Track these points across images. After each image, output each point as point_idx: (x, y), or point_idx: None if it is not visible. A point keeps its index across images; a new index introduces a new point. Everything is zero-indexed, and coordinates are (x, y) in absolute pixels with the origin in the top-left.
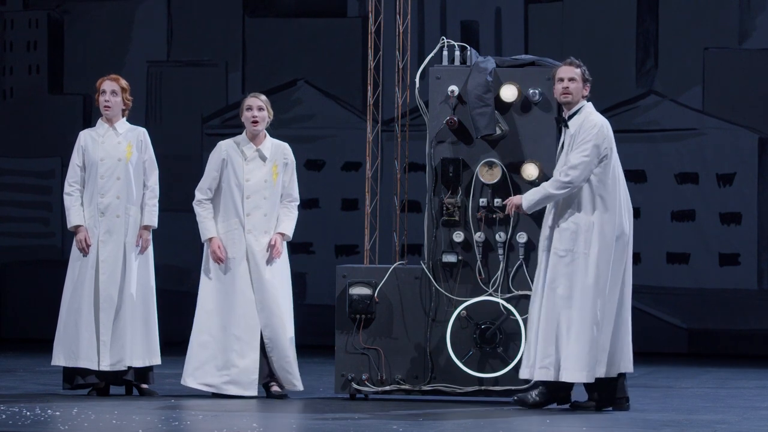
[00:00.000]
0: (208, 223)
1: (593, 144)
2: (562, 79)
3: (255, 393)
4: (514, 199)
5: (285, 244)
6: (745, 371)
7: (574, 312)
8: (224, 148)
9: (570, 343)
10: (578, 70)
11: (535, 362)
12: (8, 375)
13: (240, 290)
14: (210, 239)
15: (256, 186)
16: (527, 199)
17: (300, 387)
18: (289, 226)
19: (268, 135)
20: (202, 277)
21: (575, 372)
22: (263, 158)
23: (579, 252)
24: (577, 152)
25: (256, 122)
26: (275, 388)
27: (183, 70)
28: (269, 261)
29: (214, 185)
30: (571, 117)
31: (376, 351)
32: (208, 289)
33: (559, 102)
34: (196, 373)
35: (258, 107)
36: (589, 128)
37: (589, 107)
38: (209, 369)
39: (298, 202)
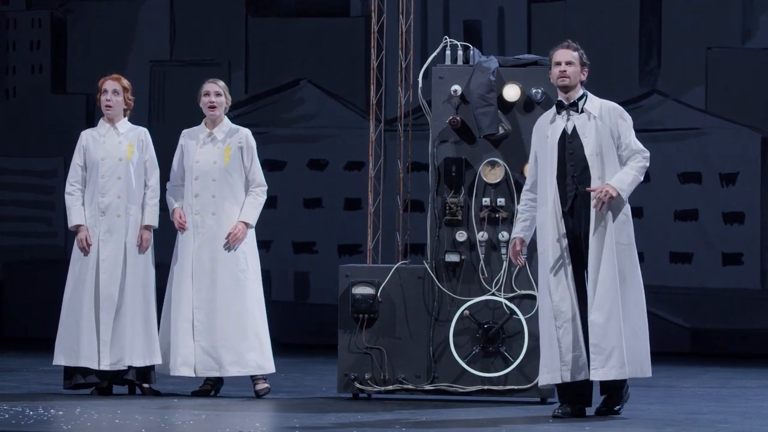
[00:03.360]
0: (169, 199)
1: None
2: (559, 63)
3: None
4: (610, 190)
5: (252, 232)
6: (748, 371)
7: (639, 306)
8: (183, 134)
9: (644, 338)
10: (576, 54)
11: (596, 362)
12: (11, 374)
13: (187, 272)
14: (172, 210)
15: (204, 167)
16: (625, 190)
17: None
18: (251, 215)
19: (227, 120)
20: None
21: (649, 366)
22: (215, 141)
23: (632, 242)
24: (632, 137)
25: (213, 107)
26: (260, 386)
27: (186, 70)
28: (223, 247)
29: (179, 171)
30: (575, 103)
31: (378, 351)
32: (171, 276)
33: (556, 86)
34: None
35: (215, 92)
36: (621, 112)
37: (590, 95)
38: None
39: (264, 188)
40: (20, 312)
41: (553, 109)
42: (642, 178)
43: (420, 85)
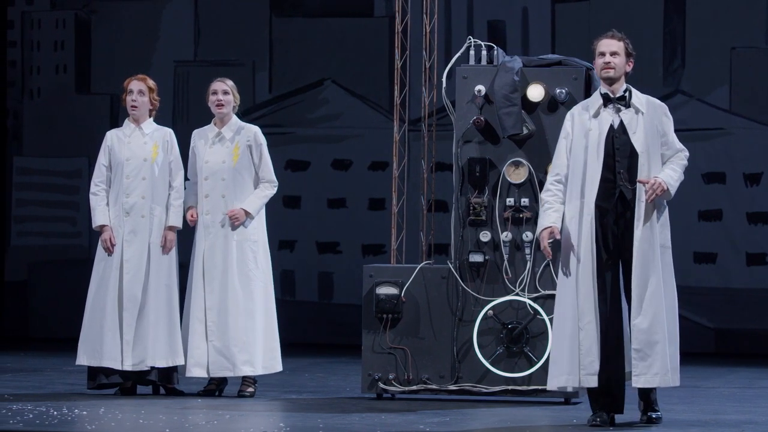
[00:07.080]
0: (187, 199)
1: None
2: (603, 53)
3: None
4: (662, 183)
5: (264, 232)
6: None
7: (673, 312)
8: (193, 135)
9: (676, 345)
10: (621, 43)
11: (639, 368)
12: (35, 374)
13: (198, 273)
14: (187, 208)
15: (213, 167)
16: (673, 185)
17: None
18: (253, 205)
19: (235, 118)
20: None
21: (678, 374)
22: (223, 140)
23: (670, 246)
24: (674, 135)
25: (220, 106)
26: (248, 389)
27: (210, 70)
28: (228, 234)
29: (193, 171)
30: (622, 97)
31: (402, 351)
32: (189, 279)
33: (599, 77)
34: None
35: (223, 91)
36: (665, 109)
37: (633, 88)
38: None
39: (274, 184)
40: (44, 312)
41: (595, 100)
42: (683, 177)
43: (444, 85)
